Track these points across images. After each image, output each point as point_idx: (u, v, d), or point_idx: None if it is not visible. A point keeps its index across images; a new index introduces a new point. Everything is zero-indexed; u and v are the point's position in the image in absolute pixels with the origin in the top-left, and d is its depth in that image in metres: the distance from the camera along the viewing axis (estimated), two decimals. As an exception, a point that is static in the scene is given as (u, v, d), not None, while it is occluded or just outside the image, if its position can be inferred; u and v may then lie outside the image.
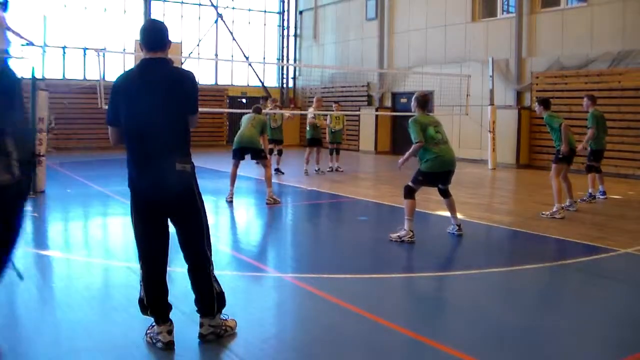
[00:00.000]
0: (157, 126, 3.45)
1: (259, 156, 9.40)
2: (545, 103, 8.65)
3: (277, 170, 13.17)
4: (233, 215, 8.74)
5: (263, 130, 9.42)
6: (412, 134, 6.61)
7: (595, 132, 9.38)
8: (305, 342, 3.86)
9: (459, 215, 7.10)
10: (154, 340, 3.58)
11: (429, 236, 7.08)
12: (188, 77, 3.57)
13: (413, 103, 6.87)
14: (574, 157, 8.63)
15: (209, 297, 3.65)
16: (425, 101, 6.87)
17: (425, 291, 5.02)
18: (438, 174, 6.75)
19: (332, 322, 4.15)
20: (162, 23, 3.69)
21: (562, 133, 8.22)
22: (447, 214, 7.09)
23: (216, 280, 3.72)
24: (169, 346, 3.54)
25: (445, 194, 7.01)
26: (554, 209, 8.18)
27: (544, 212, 8.27)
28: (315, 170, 13.45)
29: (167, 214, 3.58)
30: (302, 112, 19.04)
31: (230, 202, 9.14)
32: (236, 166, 9.37)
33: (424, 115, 6.80)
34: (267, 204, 9.03)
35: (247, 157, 9.41)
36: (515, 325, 4.17)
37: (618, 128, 13.56)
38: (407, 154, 6.77)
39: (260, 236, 7.61)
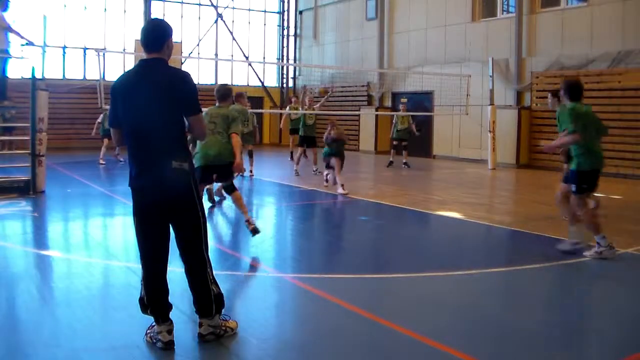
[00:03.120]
0: (153, 126, 3.46)
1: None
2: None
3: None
4: (233, 216, 8.74)
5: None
6: None
7: None
8: (305, 342, 3.85)
9: (459, 215, 7.09)
10: (154, 340, 3.58)
11: (429, 236, 7.08)
12: (183, 77, 3.55)
13: None
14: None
15: (206, 298, 3.65)
16: (221, 93, 6.56)
17: (425, 291, 5.02)
18: (203, 168, 6.25)
19: (332, 322, 4.15)
20: (159, 24, 3.63)
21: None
22: (447, 213, 7.08)
23: (214, 282, 3.71)
24: (169, 346, 3.54)
25: (227, 190, 6.68)
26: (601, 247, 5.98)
27: (586, 253, 6.07)
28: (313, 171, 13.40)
29: (166, 213, 3.58)
30: (306, 111, 19.10)
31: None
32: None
33: (221, 105, 6.51)
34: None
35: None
36: (515, 325, 4.17)
37: (618, 128, 13.54)
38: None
39: (260, 236, 7.60)
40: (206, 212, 3.75)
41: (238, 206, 6.71)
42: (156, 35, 3.54)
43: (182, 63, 19.46)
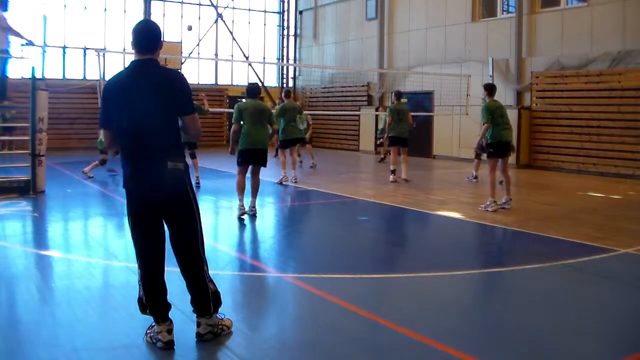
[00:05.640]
0: (148, 126, 3.46)
1: None
2: (490, 90, 8.95)
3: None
4: (232, 216, 8.74)
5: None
6: None
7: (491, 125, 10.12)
8: (305, 342, 3.86)
9: (459, 215, 7.09)
10: (154, 340, 3.58)
11: (429, 236, 7.09)
12: (177, 77, 3.58)
13: None
14: (508, 151, 8.92)
15: (204, 297, 3.66)
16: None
17: (425, 291, 5.02)
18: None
19: (332, 322, 4.15)
20: (152, 26, 3.64)
21: (482, 130, 8.70)
22: (447, 213, 7.08)
23: (211, 280, 3.72)
24: (169, 345, 3.54)
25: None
26: (488, 202, 8.64)
27: (481, 205, 8.69)
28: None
29: (161, 214, 3.59)
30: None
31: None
32: None
33: None
34: None
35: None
36: (514, 325, 4.17)
37: (618, 128, 13.58)
38: None
39: (260, 236, 7.60)
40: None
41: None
42: (151, 38, 3.56)
43: (182, 63, 19.46)
